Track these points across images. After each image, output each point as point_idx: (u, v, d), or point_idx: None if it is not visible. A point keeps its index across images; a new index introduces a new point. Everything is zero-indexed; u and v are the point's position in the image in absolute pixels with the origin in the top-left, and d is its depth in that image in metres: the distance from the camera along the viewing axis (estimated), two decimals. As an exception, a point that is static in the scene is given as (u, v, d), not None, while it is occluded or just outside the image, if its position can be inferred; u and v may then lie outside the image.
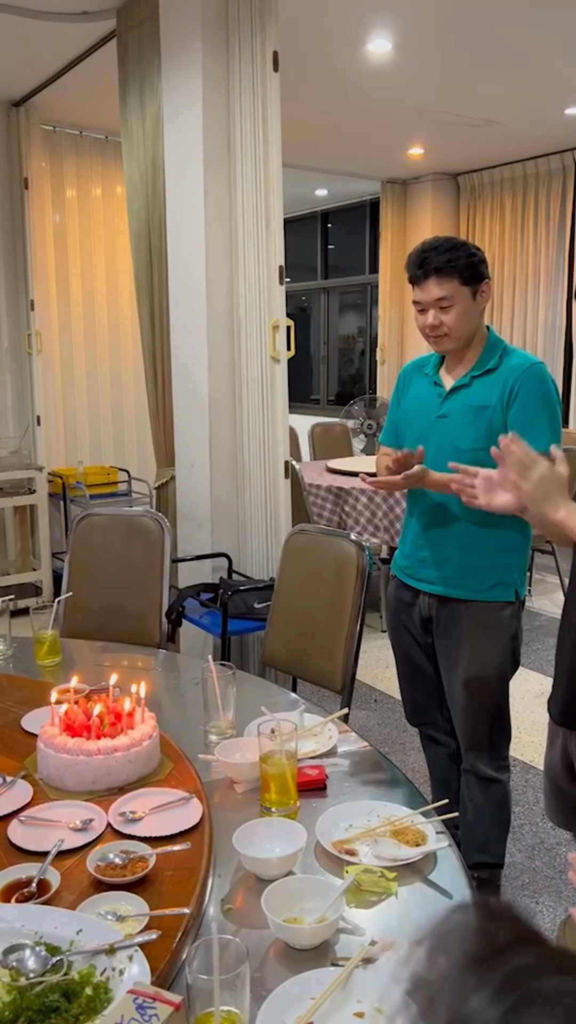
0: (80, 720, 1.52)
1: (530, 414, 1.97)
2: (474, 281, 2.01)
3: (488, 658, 2.13)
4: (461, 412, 2.05)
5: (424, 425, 2.12)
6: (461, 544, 2.09)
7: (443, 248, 1.99)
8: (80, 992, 0.98)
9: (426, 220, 6.91)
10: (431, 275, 1.99)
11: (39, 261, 4.99)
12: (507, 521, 2.06)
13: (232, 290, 3.19)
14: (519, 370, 2.00)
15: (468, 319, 2.03)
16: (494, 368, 2.03)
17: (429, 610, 2.18)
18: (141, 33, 3.38)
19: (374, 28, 3.73)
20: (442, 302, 2.00)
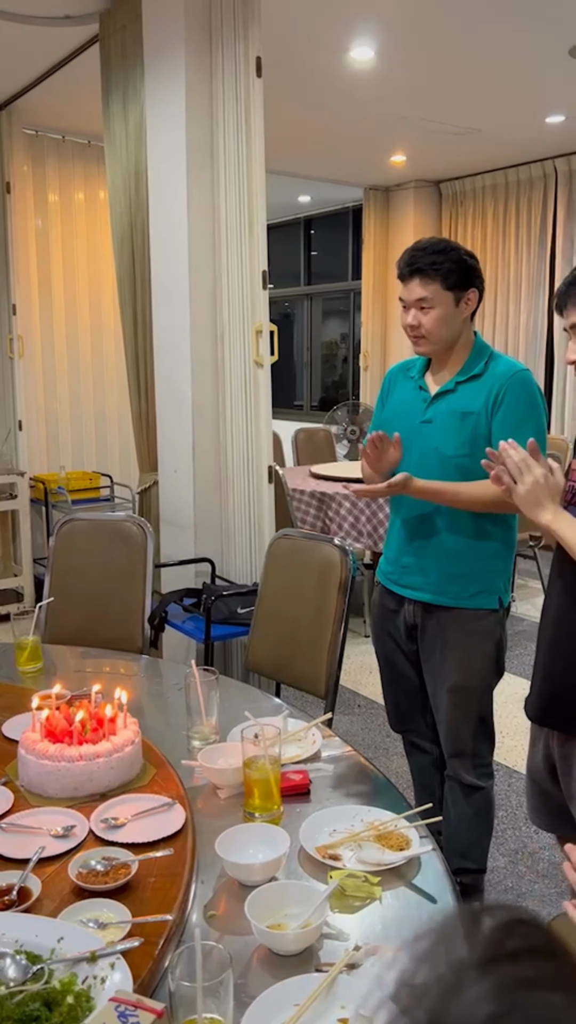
0: (62, 726, 1.51)
1: (515, 421, 1.95)
2: (459, 288, 1.99)
3: (472, 665, 2.11)
4: (446, 418, 2.04)
5: (408, 429, 2.10)
6: (445, 551, 2.08)
7: (432, 250, 1.98)
8: (61, 1001, 0.96)
9: (408, 227, 6.95)
10: (415, 275, 1.98)
11: (21, 265, 4.96)
12: (491, 529, 2.07)
13: (215, 295, 3.19)
14: (504, 377, 2.00)
15: (447, 324, 2.01)
16: (479, 374, 2.02)
17: (414, 617, 2.16)
18: (124, 37, 3.38)
19: (357, 35, 3.74)
20: (422, 303, 1.99)
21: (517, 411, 1.97)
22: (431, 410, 2.07)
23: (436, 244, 2.00)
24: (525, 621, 4.95)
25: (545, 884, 2.52)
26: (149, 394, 3.70)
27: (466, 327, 2.07)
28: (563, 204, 6.08)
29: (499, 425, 1.96)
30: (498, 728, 3.51)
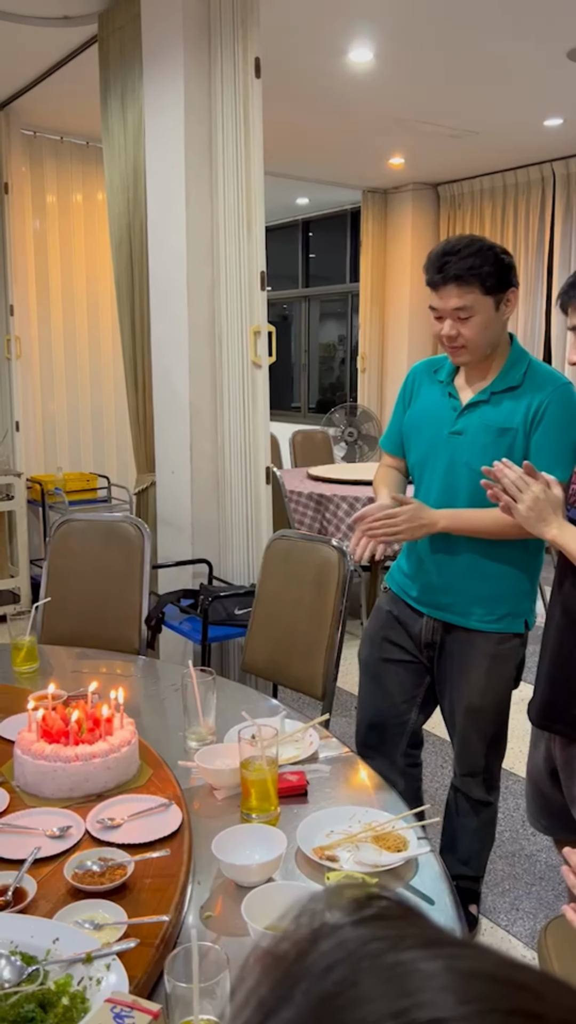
0: (58, 726, 1.50)
1: (557, 442, 1.81)
2: (499, 290, 1.80)
3: (492, 687, 2.02)
4: (479, 432, 1.87)
5: (434, 439, 1.95)
6: (470, 572, 1.95)
7: (466, 252, 1.77)
8: (57, 1002, 0.96)
9: (406, 229, 6.96)
10: (450, 282, 1.78)
11: (19, 266, 4.96)
12: (518, 548, 1.93)
13: (213, 296, 3.19)
14: (545, 391, 1.83)
15: (489, 331, 1.83)
16: (517, 386, 1.86)
17: (432, 635, 2.04)
18: (123, 38, 3.37)
19: (355, 37, 3.75)
20: (460, 312, 1.79)
21: (558, 431, 1.81)
22: (462, 421, 1.90)
23: (470, 244, 1.79)
24: (522, 623, 4.94)
25: (543, 887, 2.51)
26: (147, 395, 3.69)
27: (504, 331, 1.90)
28: (561, 207, 6.08)
29: (538, 446, 1.82)
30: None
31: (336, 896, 0.35)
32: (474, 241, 1.80)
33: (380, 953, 0.31)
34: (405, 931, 0.33)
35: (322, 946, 0.32)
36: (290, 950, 0.33)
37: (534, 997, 0.30)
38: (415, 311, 7.02)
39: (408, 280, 6.97)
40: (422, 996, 0.28)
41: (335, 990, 0.30)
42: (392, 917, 0.34)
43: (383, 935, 0.32)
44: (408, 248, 6.96)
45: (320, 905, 0.34)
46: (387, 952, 0.31)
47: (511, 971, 0.31)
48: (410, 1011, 0.28)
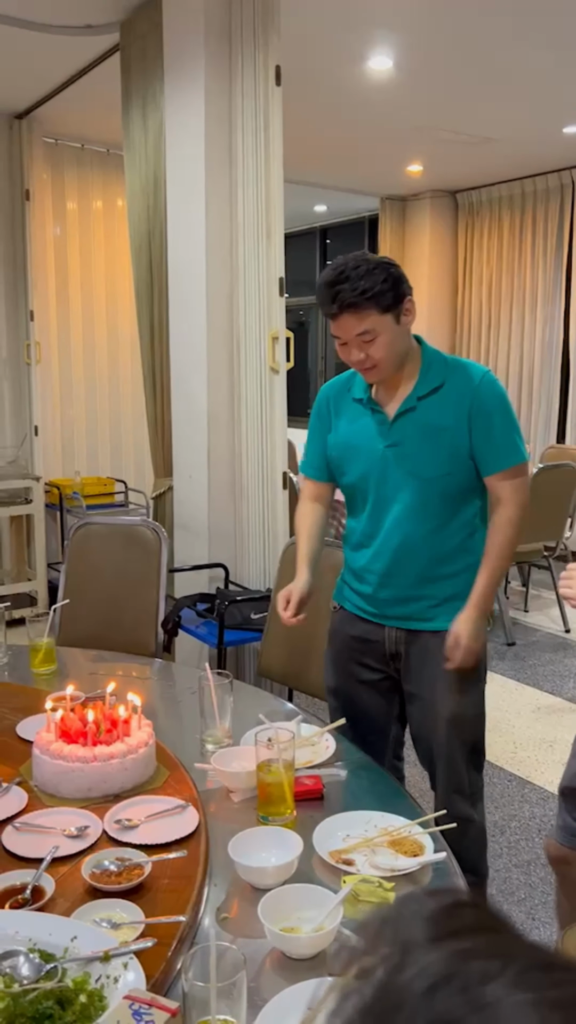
0: (76, 727, 1.51)
1: (503, 430, 1.84)
2: (395, 304, 1.78)
3: (468, 692, 1.94)
4: (417, 438, 1.84)
5: (370, 457, 1.90)
6: (428, 577, 1.90)
7: (355, 276, 1.74)
8: (74, 999, 0.96)
9: (424, 237, 6.96)
10: (346, 311, 1.76)
11: (39, 272, 5.00)
12: (469, 540, 1.91)
13: (232, 302, 3.20)
14: (472, 385, 1.83)
15: (396, 346, 1.81)
16: (440, 385, 1.84)
17: (397, 645, 1.96)
18: (145, 46, 3.41)
19: (375, 45, 3.76)
20: (363, 337, 1.77)
21: (499, 420, 1.84)
22: (395, 432, 1.86)
23: (356, 268, 1.75)
24: (539, 632, 4.92)
25: (558, 896, 2.49)
26: (165, 400, 3.71)
27: (410, 338, 1.87)
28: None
29: (482, 438, 1.83)
30: (513, 740, 3.51)
31: (421, 904, 0.34)
32: (359, 263, 1.76)
33: (472, 986, 0.30)
34: (495, 950, 0.31)
35: (415, 966, 0.31)
36: (381, 968, 0.32)
37: None
38: (432, 317, 7.01)
39: (426, 287, 6.97)
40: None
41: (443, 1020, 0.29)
42: (480, 930, 0.33)
43: (474, 958, 0.31)
44: (426, 255, 6.97)
45: (405, 913, 0.33)
46: (480, 983, 0.30)
47: None
48: None
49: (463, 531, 1.90)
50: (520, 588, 5.63)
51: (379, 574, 1.94)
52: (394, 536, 1.90)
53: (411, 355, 1.88)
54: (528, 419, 6.55)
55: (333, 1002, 0.32)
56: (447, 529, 1.88)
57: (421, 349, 1.90)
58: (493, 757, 3.36)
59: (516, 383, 6.60)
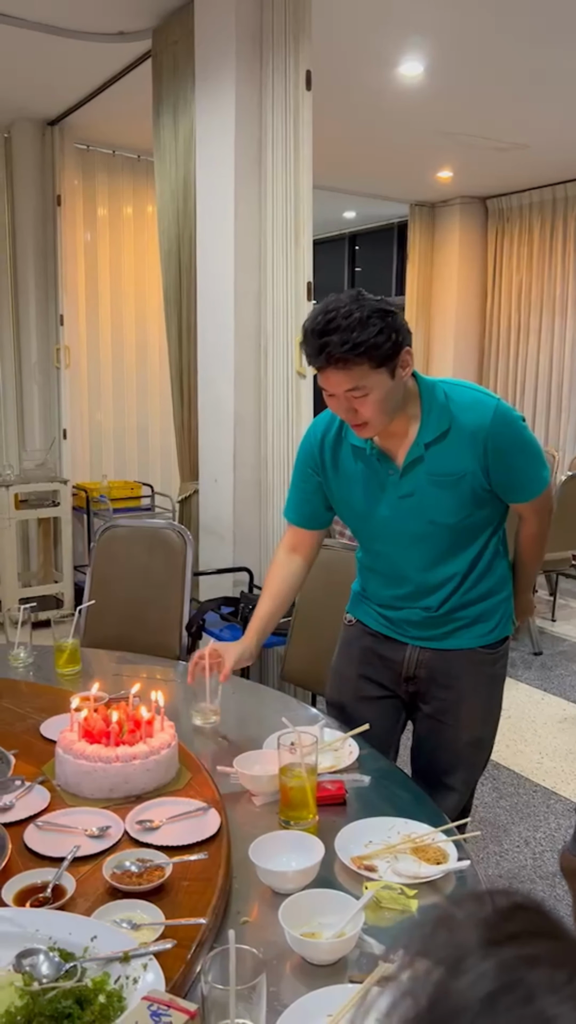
0: (99, 727, 1.51)
1: (522, 467, 1.70)
2: (391, 358, 1.57)
3: (490, 710, 1.88)
4: (432, 487, 1.68)
5: (384, 510, 1.74)
6: (456, 606, 1.78)
7: (345, 328, 1.52)
8: (94, 999, 0.96)
9: (454, 243, 6.93)
10: (333, 365, 1.55)
11: (69, 277, 5.05)
12: (499, 562, 1.81)
13: (260, 306, 3.21)
14: (483, 424, 1.63)
15: (390, 402, 1.61)
16: (448, 430, 1.65)
17: (416, 667, 1.83)
18: (176, 53, 3.43)
19: (407, 50, 3.76)
20: (353, 392, 1.57)
21: (518, 457, 1.68)
22: (407, 483, 1.69)
23: (347, 318, 1.52)
24: (566, 641, 4.87)
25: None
26: (192, 404, 3.72)
27: (405, 388, 1.65)
28: (611, 221, 6.02)
29: (503, 478, 1.68)
30: (538, 749, 3.46)
31: (478, 906, 0.32)
32: (352, 309, 1.53)
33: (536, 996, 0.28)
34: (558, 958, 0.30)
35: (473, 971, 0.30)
36: (436, 972, 0.30)
37: None
38: (461, 325, 6.99)
39: (455, 294, 6.95)
40: None
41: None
42: (541, 936, 0.32)
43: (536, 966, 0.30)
44: (455, 262, 6.94)
45: (461, 915, 0.32)
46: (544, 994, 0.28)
47: None
48: None
49: (488, 554, 1.78)
50: (548, 597, 5.57)
51: (402, 605, 1.82)
52: (415, 575, 1.77)
53: (409, 397, 1.66)
54: (557, 427, 6.50)
55: (385, 1005, 0.31)
56: (472, 559, 1.76)
57: (419, 386, 1.68)
58: (519, 767, 3.32)
59: (545, 390, 6.55)
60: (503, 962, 0.29)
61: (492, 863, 2.68)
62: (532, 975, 0.29)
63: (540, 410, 6.59)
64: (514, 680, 4.19)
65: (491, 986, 0.29)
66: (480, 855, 2.70)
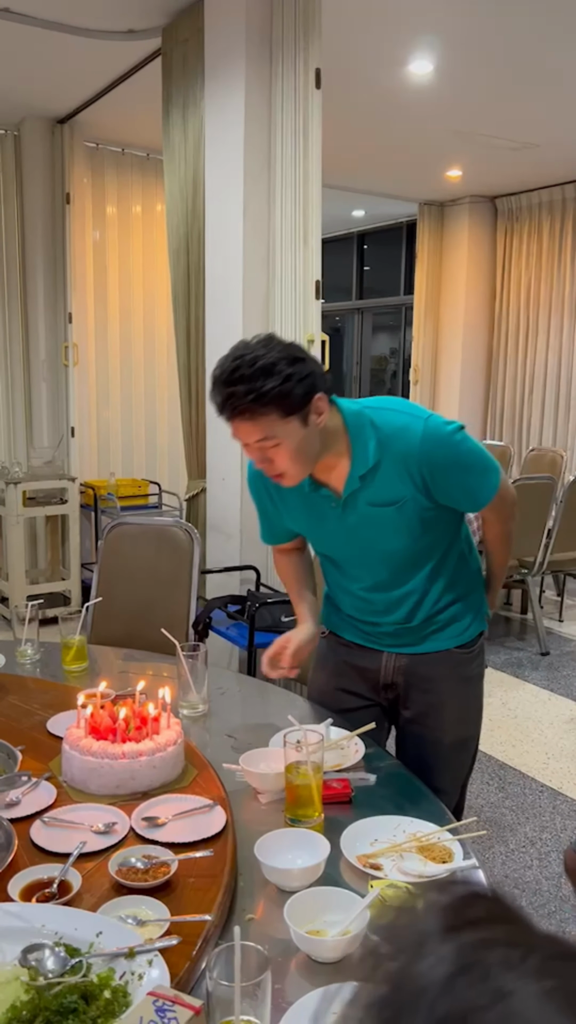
0: (106, 723, 1.51)
1: (463, 478, 1.63)
2: (300, 406, 1.49)
3: (471, 709, 1.86)
4: (374, 516, 1.64)
5: (336, 535, 1.72)
6: (430, 612, 1.76)
7: (249, 377, 1.45)
8: (99, 995, 0.96)
9: (462, 243, 6.92)
10: (239, 417, 1.49)
11: (78, 274, 5.06)
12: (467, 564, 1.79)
13: (268, 305, 3.21)
14: (413, 450, 1.56)
15: (306, 451, 1.54)
16: (379, 460, 1.59)
17: (394, 675, 1.81)
18: (186, 51, 3.43)
19: (416, 49, 3.75)
20: (264, 443, 1.51)
21: (456, 471, 1.60)
22: (350, 515, 1.65)
23: (250, 366, 1.46)
24: (573, 642, 4.86)
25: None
26: (200, 402, 3.72)
27: (329, 419, 1.57)
28: (621, 220, 6.00)
29: (447, 493, 1.62)
30: (545, 751, 3.46)
31: (437, 895, 0.34)
32: (258, 356, 1.47)
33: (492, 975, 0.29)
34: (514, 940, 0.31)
35: (432, 955, 0.31)
36: (398, 958, 0.31)
37: None
38: (469, 325, 6.98)
39: (463, 294, 6.94)
40: None
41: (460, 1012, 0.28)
42: (498, 920, 0.33)
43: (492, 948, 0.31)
44: (464, 262, 6.93)
45: (421, 904, 0.33)
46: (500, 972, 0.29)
47: None
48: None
49: (452, 559, 1.75)
50: (555, 597, 5.56)
51: (373, 619, 1.80)
52: (378, 595, 1.75)
53: (336, 434, 1.59)
54: (565, 427, 6.48)
55: (350, 992, 0.32)
56: (435, 570, 1.73)
57: (344, 421, 1.60)
58: (525, 768, 3.31)
59: (554, 390, 6.53)
60: (462, 945, 0.30)
61: (498, 863, 2.68)
62: (489, 955, 0.30)
63: (548, 410, 6.58)
64: (520, 680, 4.18)
65: (451, 967, 0.30)
66: (485, 855, 2.70)
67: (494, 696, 3.92)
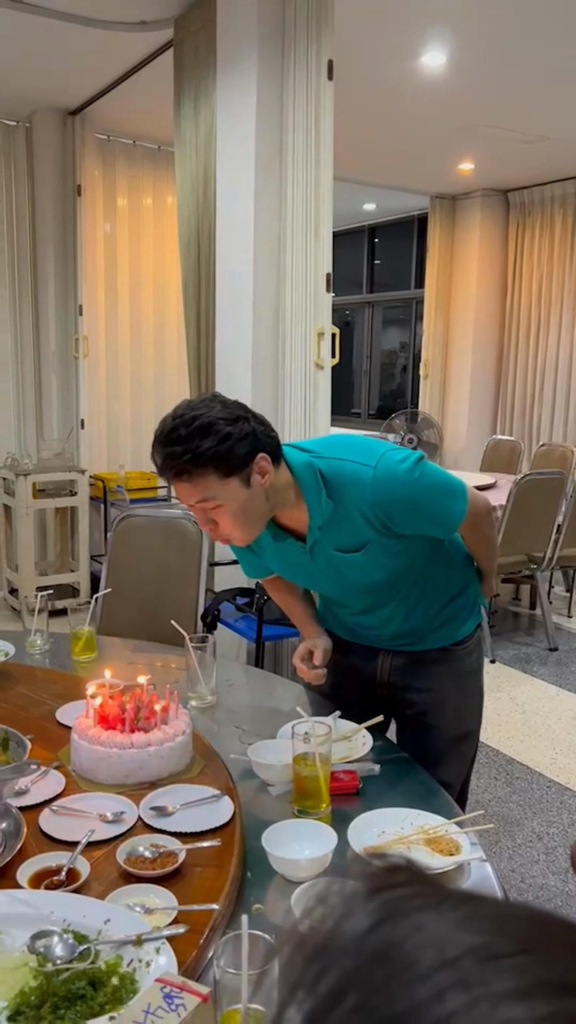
0: (114, 713, 1.52)
1: (423, 513, 1.56)
2: (241, 466, 1.45)
3: (470, 703, 1.85)
4: (343, 560, 1.61)
5: (310, 578, 1.74)
6: (426, 613, 1.74)
7: (186, 437, 1.43)
8: (107, 981, 0.97)
9: (474, 236, 6.89)
10: (177, 476, 1.46)
11: (89, 267, 5.06)
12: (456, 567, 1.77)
13: (279, 297, 3.20)
14: (366, 497, 1.51)
15: (249, 513, 1.50)
16: (335, 508, 1.54)
17: (389, 674, 1.80)
18: (198, 42, 3.42)
19: (429, 41, 3.73)
20: (205, 504, 1.48)
21: (410, 510, 1.54)
22: (318, 559, 1.63)
23: (187, 426, 1.44)
24: (582, 638, 4.84)
25: (596, 905, 2.45)
26: (209, 395, 3.72)
27: (277, 476, 1.52)
28: None
29: (411, 527, 1.58)
30: (553, 746, 3.45)
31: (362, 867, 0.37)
32: (196, 415, 1.45)
33: (410, 916, 0.32)
34: (431, 893, 0.34)
35: (359, 912, 0.33)
36: (329, 919, 0.33)
37: None
38: (480, 319, 6.95)
39: (474, 288, 6.91)
40: (483, 939, 0.30)
41: (379, 949, 0.30)
42: (417, 883, 0.35)
43: (412, 900, 0.33)
44: (475, 256, 6.90)
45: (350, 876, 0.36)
46: (417, 913, 0.32)
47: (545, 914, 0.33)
48: (480, 949, 0.29)
49: (440, 569, 1.73)
50: (564, 593, 5.55)
51: (364, 629, 1.80)
52: (366, 617, 1.76)
53: (286, 487, 1.54)
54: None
55: (286, 954, 0.34)
56: (421, 585, 1.71)
57: (294, 475, 1.55)
58: (532, 763, 3.31)
59: (565, 386, 6.51)
60: (386, 901, 0.33)
61: (504, 857, 2.68)
62: (410, 904, 0.33)
63: (559, 406, 6.55)
64: (529, 676, 4.17)
65: (374, 918, 0.32)
66: (492, 849, 2.70)
67: (502, 691, 3.91)
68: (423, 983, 0.28)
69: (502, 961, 0.28)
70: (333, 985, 0.30)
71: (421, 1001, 0.27)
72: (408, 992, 0.28)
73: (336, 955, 0.31)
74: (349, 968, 0.30)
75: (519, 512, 4.35)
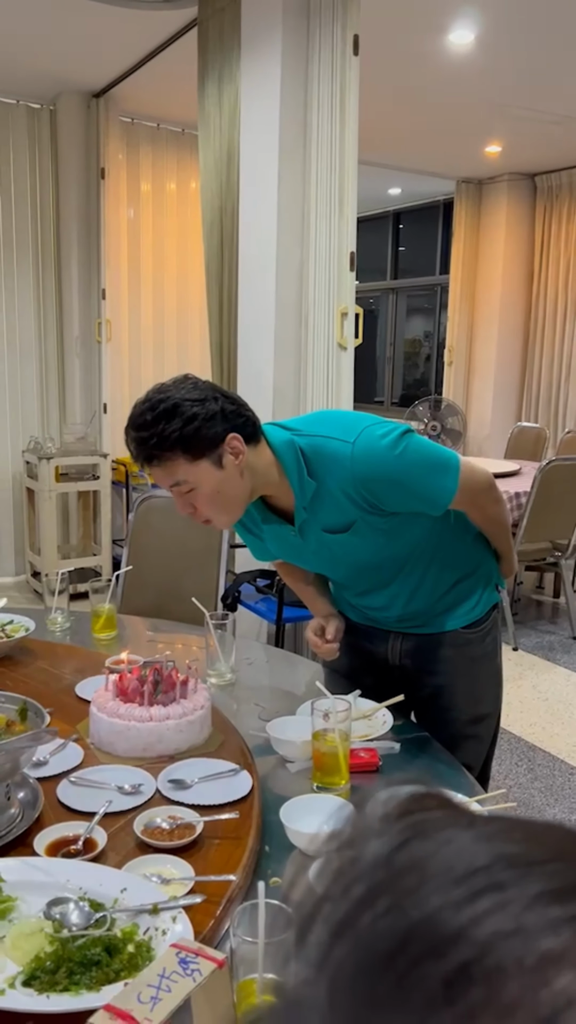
0: (133, 686, 1.51)
1: (411, 490, 1.50)
2: (210, 448, 1.43)
3: (486, 687, 1.81)
4: (332, 541, 1.58)
5: (306, 559, 1.72)
6: (437, 596, 1.70)
7: (151, 422, 1.42)
8: (123, 948, 0.96)
9: (500, 221, 6.80)
10: (148, 462, 1.46)
11: (112, 251, 5.05)
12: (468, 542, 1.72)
13: (302, 277, 3.17)
14: (346, 475, 1.47)
15: (225, 495, 1.48)
16: (317, 488, 1.51)
17: (402, 657, 1.77)
18: (222, 19, 3.39)
19: (458, 17, 3.67)
20: (179, 487, 1.47)
21: (401, 485, 1.49)
22: (310, 540, 1.60)
23: (153, 410, 1.42)
24: (606, 626, 4.78)
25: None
26: (232, 378, 3.70)
27: (256, 456, 1.50)
28: None
29: (401, 503, 1.53)
30: (565, 727, 3.41)
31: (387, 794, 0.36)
32: (162, 399, 1.43)
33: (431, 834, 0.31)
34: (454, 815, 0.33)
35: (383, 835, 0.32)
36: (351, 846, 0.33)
37: None
38: (505, 306, 6.86)
39: (500, 274, 6.83)
40: (511, 848, 0.29)
41: (405, 864, 0.30)
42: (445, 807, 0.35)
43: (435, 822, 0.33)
44: (501, 241, 6.81)
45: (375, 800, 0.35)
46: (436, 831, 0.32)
47: None
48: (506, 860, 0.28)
49: (445, 547, 1.68)
50: (588, 582, 5.48)
51: (373, 612, 1.77)
52: (371, 598, 1.73)
53: (268, 466, 1.52)
54: (602, 410, 6.37)
55: (314, 879, 0.33)
56: (426, 563, 1.67)
57: (277, 457, 1.52)
58: (555, 750, 3.28)
59: (591, 372, 6.42)
60: (415, 821, 0.33)
61: (525, 843, 2.65)
62: (441, 822, 0.32)
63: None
64: (552, 663, 4.13)
65: (405, 835, 0.32)
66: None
67: (525, 679, 3.87)
68: (456, 886, 0.28)
69: (535, 867, 0.28)
70: (363, 893, 0.30)
71: (454, 901, 0.27)
72: (441, 893, 0.28)
73: (365, 869, 0.31)
74: (380, 879, 0.30)
75: (543, 499, 4.30)
